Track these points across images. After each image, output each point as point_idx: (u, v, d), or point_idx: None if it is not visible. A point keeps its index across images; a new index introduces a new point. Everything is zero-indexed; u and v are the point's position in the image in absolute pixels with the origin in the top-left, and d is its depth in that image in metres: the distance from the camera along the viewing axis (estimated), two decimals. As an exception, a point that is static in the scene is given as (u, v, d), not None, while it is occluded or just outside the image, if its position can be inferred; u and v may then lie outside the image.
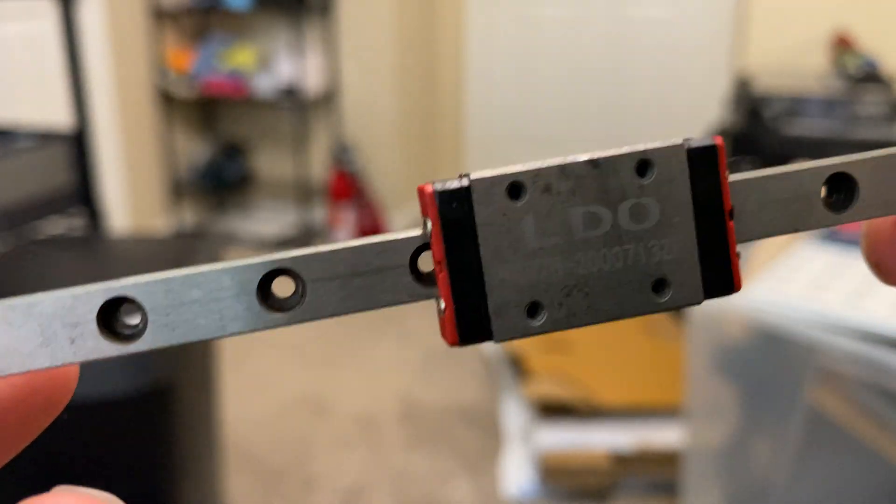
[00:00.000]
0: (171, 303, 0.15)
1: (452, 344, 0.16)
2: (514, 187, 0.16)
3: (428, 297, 0.17)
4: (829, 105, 1.88)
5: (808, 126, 1.81)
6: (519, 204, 0.16)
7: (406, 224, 2.85)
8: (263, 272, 0.16)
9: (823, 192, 0.17)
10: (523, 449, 1.50)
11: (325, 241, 2.62)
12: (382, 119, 2.74)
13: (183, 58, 2.69)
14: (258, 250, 2.68)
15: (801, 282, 0.86)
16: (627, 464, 1.40)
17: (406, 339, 1.99)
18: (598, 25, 2.84)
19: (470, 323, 0.16)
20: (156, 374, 0.86)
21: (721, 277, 0.17)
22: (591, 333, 1.68)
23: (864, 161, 0.17)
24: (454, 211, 0.16)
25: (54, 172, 1.34)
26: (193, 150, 2.88)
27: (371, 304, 0.16)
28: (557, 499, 1.42)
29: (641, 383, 1.52)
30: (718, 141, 0.17)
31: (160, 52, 2.62)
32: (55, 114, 1.61)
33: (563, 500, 1.42)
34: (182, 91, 2.68)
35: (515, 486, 1.44)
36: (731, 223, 0.17)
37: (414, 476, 1.50)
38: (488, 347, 1.88)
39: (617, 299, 0.16)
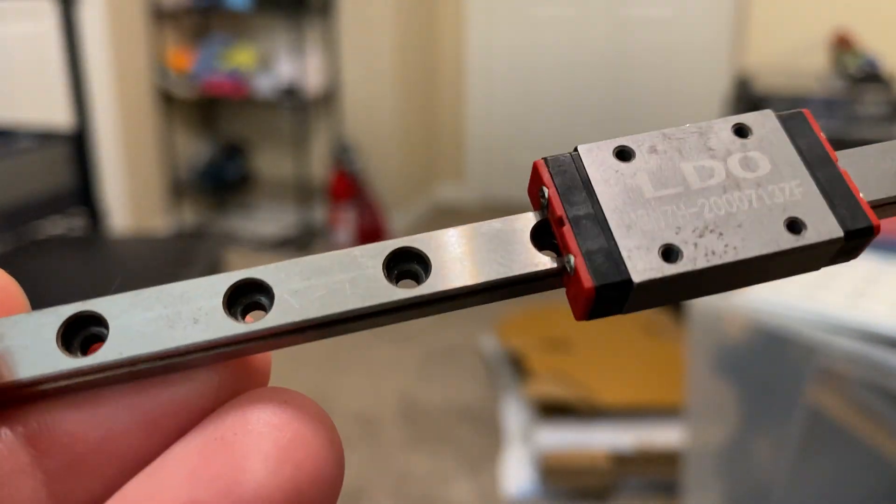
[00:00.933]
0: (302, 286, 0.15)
1: (588, 295, 0.15)
2: (622, 151, 0.17)
3: (556, 269, 0.16)
4: (830, 105, 1.88)
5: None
6: (629, 163, 0.17)
7: (407, 223, 2.85)
8: (392, 249, 0.16)
9: None
10: (523, 449, 1.50)
11: (325, 241, 2.59)
12: (382, 119, 2.74)
13: (183, 58, 2.69)
14: (258, 250, 2.68)
15: (801, 282, 0.86)
16: (627, 464, 1.40)
17: (406, 339, 1.99)
18: (598, 25, 2.85)
19: (603, 267, 0.15)
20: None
21: (854, 215, 0.16)
22: (591, 333, 1.68)
23: None
24: (567, 175, 0.16)
25: (55, 172, 1.34)
26: (194, 150, 2.88)
27: (498, 276, 0.16)
28: (557, 499, 1.42)
29: (641, 383, 1.52)
30: (805, 111, 0.18)
31: (160, 52, 2.62)
32: (55, 114, 1.61)
33: (563, 500, 1.42)
34: (182, 91, 2.69)
35: (515, 486, 1.44)
36: (845, 171, 0.17)
37: (414, 476, 1.50)
38: (488, 347, 1.88)
39: (753, 238, 0.16)
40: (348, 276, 0.15)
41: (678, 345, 1.58)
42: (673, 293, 0.16)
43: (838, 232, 0.16)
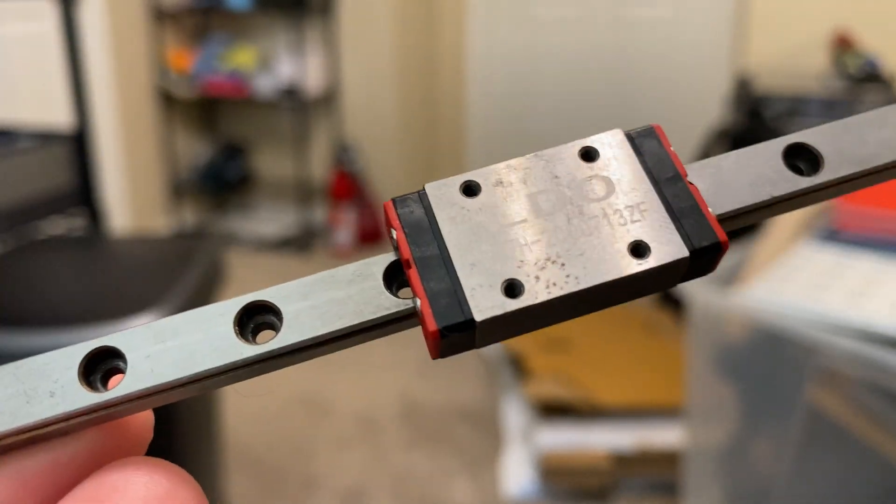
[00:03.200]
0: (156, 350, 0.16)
1: (435, 336, 0.16)
2: (468, 187, 0.17)
3: (408, 310, 0.16)
4: (830, 105, 1.88)
5: (809, 126, 1.81)
6: (476, 198, 0.17)
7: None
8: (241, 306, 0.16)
9: (784, 164, 0.18)
10: (523, 449, 1.50)
11: (325, 241, 2.60)
12: (383, 119, 2.74)
13: (183, 58, 2.69)
14: (259, 250, 2.68)
15: (801, 282, 0.86)
16: (627, 464, 1.40)
17: (406, 339, 1.99)
18: (599, 25, 2.85)
19: (447, 309, 0.16)
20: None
21: (700, 232, 0.16)
22: (591, 334, 1.68)
23: (815, 131, 0.18)
24: (413, 215, 0.17)
25: (55, 172, 1.34)
26: (194, 150, 2.88)
27: (351, 322, 0.16)
28: (557, 499, 1.42)
29: (641, 383, 1.52)
30: (655, 125, 0.18)
31: (161, 53, 2.62)
32: (55, 114, 1.61)
33: (564, 500, 1.42)
34: (182, 91, 2.69)
35: (516, 486, 1.44)
36: (693, 185, 0.17)
37: (414, 476, 1.50)
38: (488, 347, 1.87)
39: (596, 266, 0.16)
40: (201, 336, 0.16)
41: (678, 345, 1.58)
42: (522, 325, 0.16)
43: (683, 252, 0.16)
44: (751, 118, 1.88)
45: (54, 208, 1.34)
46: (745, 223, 0.18)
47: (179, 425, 0.94)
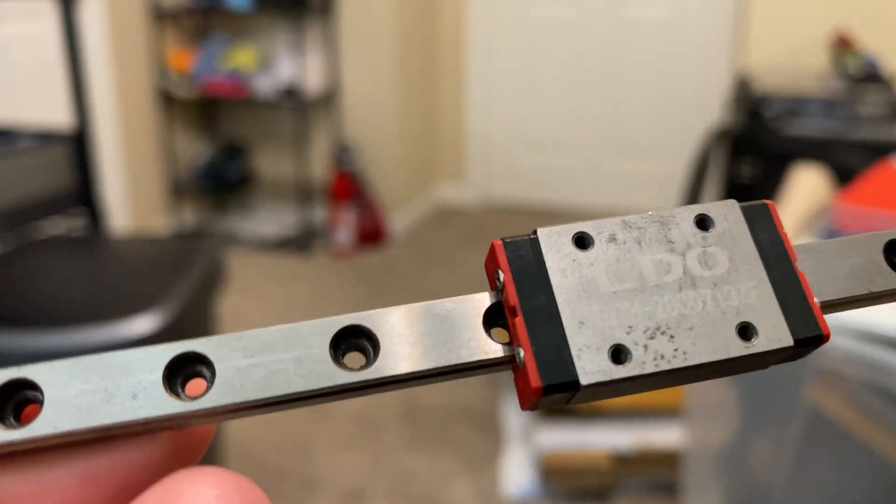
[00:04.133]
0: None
1: (536, 393, 0.15)
2: (580, 238, 0.17)
3: (506, 357, 0.16)
4: (830, 105, 1.88)
5: (809, 126, 1.81)
6: (587, 252, 0.16)
7: (407, 224, 2.85)
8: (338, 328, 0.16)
9: (884, 258, 0.18)
10: (523, 449, 1.50)
11: (325, 241, 2.60)
12: (383, 119, 2.74)
13: (183, 58, 2.69)
14: (259, 250, 2.68)
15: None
16: (628, 464, 1.40)
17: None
18: (599, 25, 2.85)
19: (552, 366, 0.15)
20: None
21: (806, 322, 0.16)
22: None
23: None
24: (523, 258, 0.16)
25: (55, 173, 1.34)
26: (194, 150, 2.88)
27: (446, 363, 0.16)
28: (558, 499, 1.42)
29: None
30: (768, 202, 0.18)
31: (161, 53, 2.62)
32: (56, 114, 1.61)
33: (564, 500, 1.42)
34: (182, 91, 2.69)
35: (516, 487, 1.44)
36: (802, 273, 0.17)
37: (414, 476, 1.50)
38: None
39: (704, 343, 0.16)
40: (293, 354, 0.15)
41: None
42: (620, 390, 0.16)
43: (788, 340, 0.16)
44: (751, 118, 1.88)
45: (54, 208, 1.34)
46: (836, 311, 0.18)
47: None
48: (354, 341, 0.16)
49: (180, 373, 0.15)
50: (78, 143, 1.36)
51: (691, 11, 2.74)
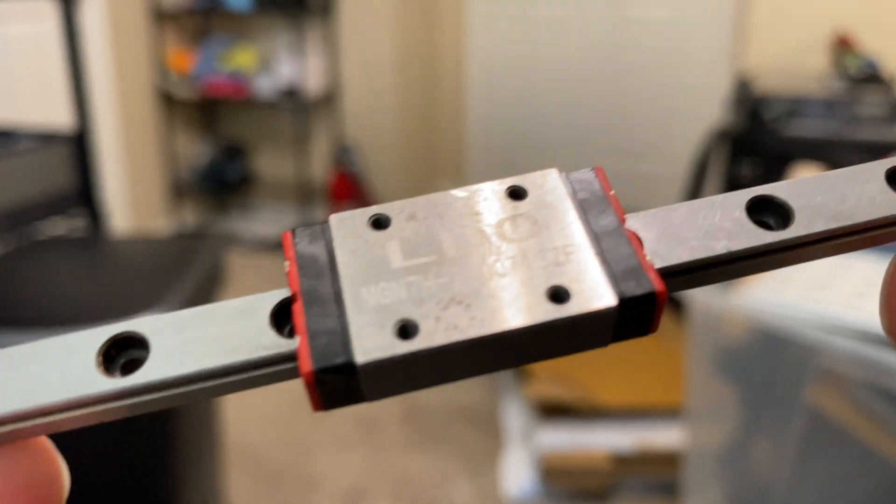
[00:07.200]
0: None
1: (309, 379, 0.13)
2: (377, 220, 0.15)
3: (291, 352, 0.14)
4: (830, 106, 1.88)
5: (809, 127, 1.82)
6: (383, 231, 0.15)
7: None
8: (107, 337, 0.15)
9: (746, 215, 0.16)
10: (523, 449, 1.50)
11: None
12: (383, 120, 2.74)
13: (184, 59, 2.69)
14: (259, 251, 2.68)
15: (801, 282, 0.86)
16: (628, 464, 1.40)
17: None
18: (599, 26, 2.85)
19: (326, 349, 0.14)
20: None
21: (635, 280, 0.14)
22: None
23: (787, 184, 0.16)
24: (312, 246, 0.15)
25: (55, 173, 1.34)
26: (194, 150, 2.88)
27: (222, 362, 0.14)
28: (558, 499, 1.42)
29: (642, 384, 1.52)
30: (596, 168, 0.16)
31: (161, 53, 2.62)
32: (56, 115, 1.61)
33: (564, 500, 1.42)
34: (183, 92, 2.69)
35: (516, 487, 1.44)
36: (632, 232, 0.15)
37: (414, 476, 1.50)
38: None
39: (506, 309, 0.14)
40: (53, 364, 0.14)
41: (678, 345, 1.58)
42: (418, 375, 0.14)
43: (611, 301, 0.14)
44: (751, 119, 1.88)
45: (55, 209, 1.34)
46: (700, 282, 0.16)
47: (180, 425, 0.94)
48: (128, 349, 0.15)
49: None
50: (78, 144, 1.36)
51: (691, 12, 2.74)
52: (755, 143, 1.79)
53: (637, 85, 2.86)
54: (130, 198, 2.52)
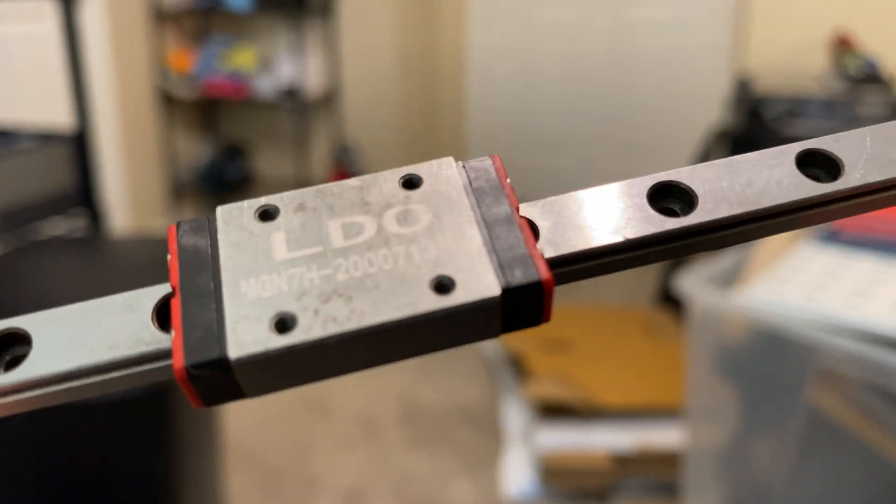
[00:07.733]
0: None
1: (181, 375, 0.13)
2: (265, 211, 0.15)
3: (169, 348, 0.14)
4: (830, 106, 1.88)
5: (809, 127, 1.81)
6: (269, 223, 0.15)
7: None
8: None
9: (648, 202, 0.16)
10: (523, 449, 1.50)
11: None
12: (383, 119, 2.74)
13: (184, 59, 2.69)
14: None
15: (801, 282, 0.86)
16: (628, 464, 1.40)
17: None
18: (599, 26, 2.85)
19: (200, 344, 0.13)
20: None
21: (522, 269, 0.14)
22: (592, 334, 1.67)
23: (692, 169, 0.16)
24: (195, 239, 0.15)
25: (55, 173, 1.34)
26: (194, 150, 2.88)
27: (102, 358, 0.14)
28: (558, 499, 1.42)
29: (642, 384, 1.52)
30: (493, 156, 0.16)
31: (161, 53, 2.62)
32: (56, 115, 1.61)
33: (564, 500, 1.42)
34: (183, 92, 2.69)
35: (516, 487, 1.44)
36: (525, 220, 0.15)
37: (414, 476, 1.50)
38: (488, 348, 1.88)
39: (388, 301, 0.14)
40: None
41: (678, 345, 1.58)
42: (297, 370, 0.14)
43: (494, 290, 0.14)
44: (751, 119, 1.88)
45: (55, 209, 1.34)
46: (597, 272, 0.15)
47: (179, 426, 0.94)
48: (13, 346, 0.14)
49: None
50: (78, 144, 1.36)
51: (691, 12, 2.74)
52: (755, 142, 1.79)
53: (637, 84, 2.86)
54: (130, 198, 2.52)
